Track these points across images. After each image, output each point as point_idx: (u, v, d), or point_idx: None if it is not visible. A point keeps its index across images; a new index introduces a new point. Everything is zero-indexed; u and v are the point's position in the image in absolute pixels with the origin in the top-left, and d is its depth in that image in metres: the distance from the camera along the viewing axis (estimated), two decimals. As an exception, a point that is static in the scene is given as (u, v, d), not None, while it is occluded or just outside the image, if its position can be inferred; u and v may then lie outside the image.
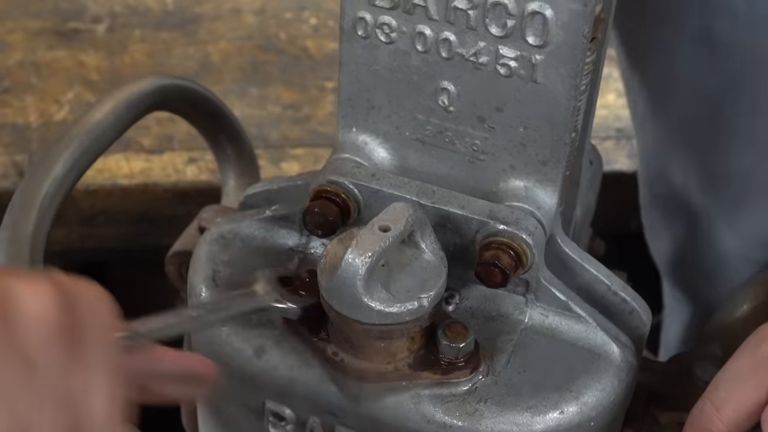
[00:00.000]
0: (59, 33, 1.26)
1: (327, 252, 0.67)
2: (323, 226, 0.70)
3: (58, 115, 1.16)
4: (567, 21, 0.64)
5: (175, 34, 1.27)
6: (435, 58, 0.68)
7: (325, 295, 0.66)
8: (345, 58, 0.70)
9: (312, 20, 1.30)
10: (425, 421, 0.68)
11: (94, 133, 0.82)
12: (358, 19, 0.69)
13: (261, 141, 1.15)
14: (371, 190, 0.70)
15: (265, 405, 0.72)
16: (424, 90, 0.69)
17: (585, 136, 0.73)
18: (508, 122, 0.68)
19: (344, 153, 0.72)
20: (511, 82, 0.67)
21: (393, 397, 0.69)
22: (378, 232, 0.65)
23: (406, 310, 0.66)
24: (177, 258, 0.84)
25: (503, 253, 0.68)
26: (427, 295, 0.66)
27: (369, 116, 0.72)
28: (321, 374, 0.70)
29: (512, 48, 0.66)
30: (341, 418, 0.70)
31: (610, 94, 1.24)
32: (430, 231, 0.68)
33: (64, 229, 1.14)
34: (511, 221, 0.68)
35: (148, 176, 1.12)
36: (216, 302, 0.72)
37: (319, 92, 1.21)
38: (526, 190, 0.70)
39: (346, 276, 0.64)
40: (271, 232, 0.76)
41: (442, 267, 0.67)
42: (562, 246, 0.72)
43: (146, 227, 1.15)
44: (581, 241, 0.83)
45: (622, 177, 1.17)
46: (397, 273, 0.66)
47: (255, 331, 0.71)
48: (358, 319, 0.66)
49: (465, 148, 0.70)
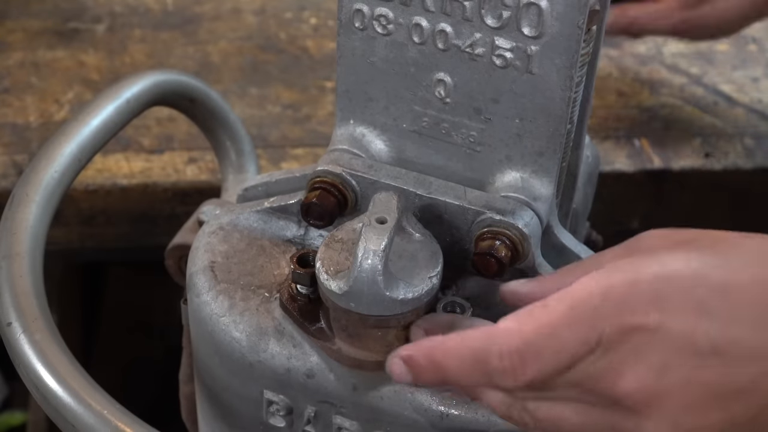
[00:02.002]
0: (59, 33, 1.26)
1: (322, 260, 0.67)
2: (321, 217, 0.71)
3: (58, 115, 1.17)
4: (562, 12, 0.64)
5: (175, 34, 1.27)
6: (431, 50, 0.68)
7: (340, 301, 0.66)
8: (342, 51, 0.71)
9: (312, 20, 1.30)
10: (422, 410, 0.69)
11: (94, 127, 0.82)
12: (355, 11, 0.69)
13: (261, 141, 1.15)
14: (368, 180, 0.71)
15: (263, 394, 0.73)
16: (420, 81, 0.70)
17: (582, 128, 0.74)
18: (504, 113, 0.69)
19: (341, 145, 0.73)
20: (507, 73, 0.67)
21: (390, 386, 0.69)
22: (378, 225, 0.65)
23: (424, 292, 0.66)
24: (176, 251, 0.84)
25: (499, 243, 0.68)
26: (435, 272, 0.67)
27: (366, 108, 0.72)
28: (318, 364, 0.70)
29: (508, 39, 0.66)
30: (339, 407, 0.71)
31: (610, 94, 1.24)
32: (410, 213, 0.69)
33: (64, 229, 1.14)
34: (507, 212, 0.69)
35: (148, 176, 1.12)
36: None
37: (319, 92, 1.21)
38: (523, 181, 0.70)
39: (366, 276, 0.64)
40: (270, 223, 0.76)
41: (435, 243, 0.68)
42: (559, 237, 0.72)
43: (146, 227, 1.15)
44: (579, 234, 0.83)
45: (622, 176, 1.17)
46: (398, 261, 0.67)
47: (253, 320, 0.72)
48: (381, 313, 0.66)
49: (461, 139, 0.71)
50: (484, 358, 0.60)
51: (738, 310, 0.57)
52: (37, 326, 0.70)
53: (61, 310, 1.46)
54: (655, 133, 1.21)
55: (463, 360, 0.61)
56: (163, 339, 1.64)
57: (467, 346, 0.61)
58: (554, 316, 0.59)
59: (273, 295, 0.73)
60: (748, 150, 1.19)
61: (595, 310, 0.58)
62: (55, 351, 0.70)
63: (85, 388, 0.68)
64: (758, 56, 1.31)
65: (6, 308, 0.71)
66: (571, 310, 0.58)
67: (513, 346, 0.59)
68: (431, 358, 0.62)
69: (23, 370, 0.70)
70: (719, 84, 1.27)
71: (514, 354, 0.59)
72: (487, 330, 0.60)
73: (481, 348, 0.60)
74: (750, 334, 0.57)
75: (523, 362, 0.59)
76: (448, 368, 0.61)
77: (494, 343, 0.60)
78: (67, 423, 0.67)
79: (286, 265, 0.74)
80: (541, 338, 0.59)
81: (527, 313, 0.60)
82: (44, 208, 0.78)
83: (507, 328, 0.60)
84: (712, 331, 0.57)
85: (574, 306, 0.59)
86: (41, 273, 0.75)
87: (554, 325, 0.59)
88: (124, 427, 0.66)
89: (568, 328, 0.58)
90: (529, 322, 0.59)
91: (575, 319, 0.58)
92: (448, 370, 0.61)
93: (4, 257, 0.74)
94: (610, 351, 0.58)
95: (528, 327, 0.59)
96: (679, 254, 0.59)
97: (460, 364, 0.61)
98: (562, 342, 0.58)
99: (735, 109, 1.24)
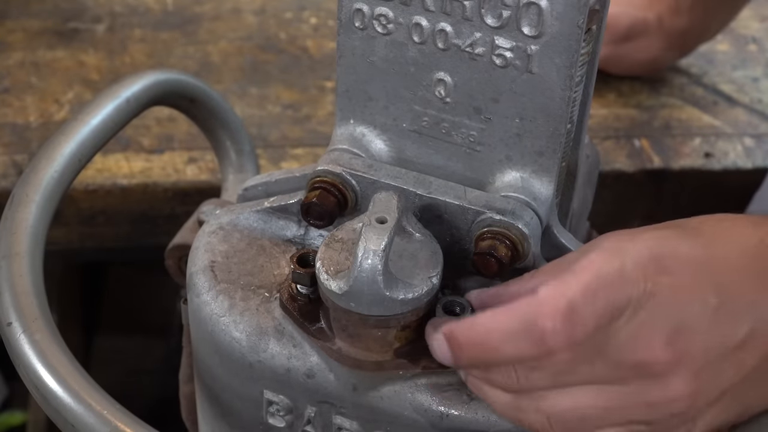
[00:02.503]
0: (59, 33, 1.26)
1: (322, 259, 0.67)
2: (321, 217, 0.71)
3: (58, 115, 1.17)
4: (562, 11, 0.64)
5: (175, 34, 1.27)
6: (431, 49, 0.68)
7: (340, 301, 0.66)
8: (342, 50, 0.71)
9: (312, 20, 1.30)
10: (422, 410, 0.69)
11: (94, 127, 0.82)
12: (355, 11, 0.69)
13: (261, 141, 1.15)
14: (368, 180, 0.71)
15: (263, 394, 0.73)
16: (420, 81, 0.70)
17: (581, 128, 0.74)
18: (504, 113, 0.69)
19: (341, 144, 0.73)
20: (507, 73, 0.67)
21: (390, 387, 0.69)
22: (378, 225, 0.65)
23: (424, 292, 0.66)
24: (176, 251, 0.84)
25: (499, 243, 0.68)
26: (435, 272, 0.67)
27: (366, 108, 0.72)
28: (318, 364, 0.70)
29: (508, 38, 0.66)
30: (339, 407, 0.71)
31: (610, 93, 1.24)
32: (410, 213, 0.69)
33: (64, 229, 1.14)
34: (507, 211, 0.69)
35: (148, 176, 1.12)
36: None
37: (319, 92, 1.21)
38: (523, 181, 0.70)
39: (366, 276, 0.64)
40: (270, 223, 0.76)
41: (435, 243, 0.68)
42: (559, 237, 0.72)
43: (146, 227, 1.15)
44: (578, 234, 0.83)
45: (622, 176, 1.17)
46: (398, 261, 0.67)
47: (253, 320, 0.72)
48: (381, 313, 0.66)
49: (461, 139, 0.71)
50: (535, 321, 0.60)
51: (731, 274, 0.63)
52: (37, 326, 0.70)
53: (61, 310, 1.46)
54: (655, 133, 1.21)
55: (512, 329, 0.61)
56: (163, 339, 1.65)
57: (514, 314, 0.61)
58: (586, 281, 0.61)
59: (273, 295, 0.73)
60: (748, 150, 1.19)
61: (621, 275, 0.61)
62: (55, 351, 0.69)
63: (84, 388, 0.68)
64: (758, 56, 1.31)
65: (6, 308, 0.71)
66: (598, 277, 0.61)
67: (561, 307, 0.60)
68: (476, 333, 0.62)
69: (23, 371, 0.70)
70: (719, 84, 1.27)
71: (565, 315, 0.60)
72: (528, 298, 0.61)
73: (530, 312, 0.61)
74: (746, 288, 0.63)
75: (572, 323, 0.60)
76: (495, 343, 0.62)
77: (543, 305, 0.60)
78: (67, 423, 0.67)
79: (286, 265, 0.74)
80: (583, 299, 0.60)
81: (559, 280, 0.61)
82: (44, 208, 0.78)
83: (549, 294, 0.60)
84: (717, 288, 0.62)
85: (599, 274, 0.61)
86: (41, 273, 0.75)
87: (590, 287, 0.61)
88: (123, 427, 0.66)
89: (603, 291, 0.61)
90: (565, 286, 0.61)
91: (604, 284, 0.61)
92: (495, 345, 0.62)
93: (4, 257, 0.74)
94: (635, 315, 0.61)
95: (570, 290, 0.60)
96: (668, 230, 0.64)
97: (509, 335, 0.61)
98: (602, 301, 0.60)
99: (735, 109, 1.24)
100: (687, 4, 1.20)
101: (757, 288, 0.62)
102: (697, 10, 1.21)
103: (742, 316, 0.62)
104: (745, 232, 0.65)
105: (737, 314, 0.62)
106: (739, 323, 0.62)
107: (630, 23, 1.21)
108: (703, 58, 1.29)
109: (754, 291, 0.62)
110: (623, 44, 1.21)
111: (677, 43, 1.23)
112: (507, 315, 0.61)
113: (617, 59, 1.22)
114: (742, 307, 0.62)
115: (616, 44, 1.21)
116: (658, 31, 1.21)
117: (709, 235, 0.64)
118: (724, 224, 0.66)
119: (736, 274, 0.63)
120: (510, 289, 0.67)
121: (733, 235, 0.64)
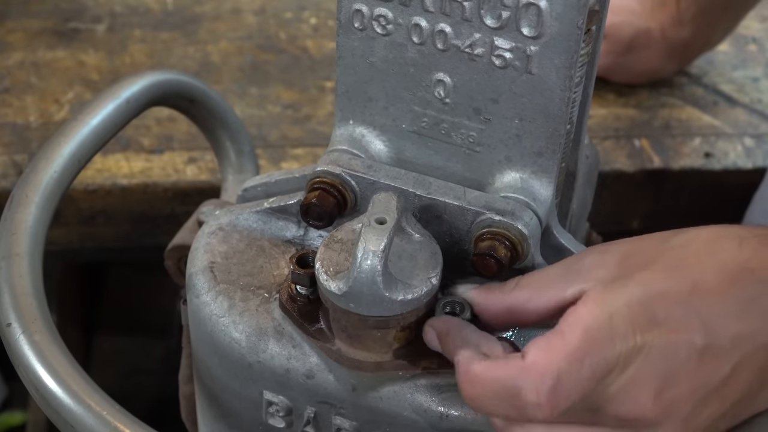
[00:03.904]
0: (59, 33, 1.26)
1: (322, 260, 0.67)
2: (321, 218, 0.71)
3: (58, 115, 1.17)
4: (561, 12, 0.64)
5: (175, 34, 1.27)
6: (431, 50, 0.68)
7: (339, 302, 0.66)
8: (342, 51, 0.71)
9: (312, 20, 1.30)
10: (422, 410, 0.68)
11: (93, 127, 0.82)
12: (354, 12, 0.69)
13: (261, 141, 1.15)
14: (368, 181, 0.71)
15: (262, 395, 0.73)
16: (420, 82, 0.70)
17: (581, 128, 0.74)
18: (504, 114, 0.69)
19: (341, 145, 0.73)
20: (506, 74, 0.67)
21: (389, 387, 0.69)
22: (378, 226, 0.65)
23: (424, 293, 0.66)
24: (176, 252, 0.84)
25: (499, 243, 0.68)
26: (434, 273, 0.67)
27: (366, 108, 0.72)
28: (318, 364, 0.70)
29: (507, 39, 0.66)
30: (338, 408, 0.71)
31: (610, 93, 1.24)
32: (410, 214, 0.69)
33: (64, 229, 1.14)
34: (506, 212, 0.69)
35: (148, 176, 1.12)
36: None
37: (319, 92, 1.21)
38: (522, 182, 0.70)
39: (365, 277, 0.64)
40: (269, 224, 0.76)
41: (434, 244, 0.68)
42: (558, 237, 0.72)
43: (146, 227, 1.15)
44: (578, 234, 0.83)
45: (622, 176, 1.17)
46: (398, 261, 0.67)
47: (253, 321, 0.72)
48: (380, 314, 0.66)
49: (461, 139, 0.71)
50: (518, 393, 0.60)
51: (716, 305, 0.63)
52: (37, 327, 0.70)
53: (61, 310, 1.46)
54: (655, 133, 1.21)
55: (498, 393, 0.61)
56: (163, 339, 1.65)
57: (499, 380, 0.61)
58: (574, 343, 0.60)
59: (272, 295, 0.73)
60: (748, 150, 1.19)
61: (609, 330, 0.61)
62: (54, 352, 0.69)
63: (84, 389, 0.68)
64: (758, 56, 1.31)
65: (5, 309, 0.71)
66: (585, 338, 0.60)
67: (547, 383, 0.60)
68: (470, 377, 0.62)
69: (23, 371, 0.70)
70: (719, 84, 1.27)
71: (550, 388, 0.60)
72: (517, 365, 0.61)
73: (516, 379, 0.61)
74: (730, 319, 0.62)
75: (556, 395, 0.60)
76: (480, 398, 0.62)
77: (529, 375, 0.60)
78: (67, 424, 0.67)
79: (285, 265, 0.74)
80: (572, 367, 0.60)
81: (548, 344, 0.61)
82: (44, 209, 0.78)
83: (536, 363, 0.60)
84: (703, 325, 0.62)
85: (587, 333, 0.60)
86: (41, 273, 0.75)
87: (578, 351, 0.60)
88: (123, 428, 0.66)
89: (590, 353, 0.60)
90: (554, 352, 0.60)
91: (592, 343, 0.60)
92: (480, 400, 0.62)
93: (4, 258, 0.74)
94: (624, 372, 0.61)
95: (556, 358, 0.60)
96: (654, 274, 0.63)
97: (495, 396, 0.61)
98: (588, 367, 0.60)
99: (735, 109, 1.24)
100: (689, 15, 1.20)
101: (739, 317, 0.62)
102: (699, 22, 1.21)
103: (726, 355, 0.62)
104: (729, 253, 0.64)
105: (721, 353, 0.62)
106: (723, 362, 0.62)
107: (633, 34, 1.21)
108: (704, 58, 1.29)
109: (737, 320, 0.62)
110: (626, 55, 1.21)
111: (679, 53, 1.24)
112: (494, 375, 0.61)
113: (619, 69, 1.23)
114: (726, 344, 0.62)
115: (619, 55, 1.21)
116: (661, 42, 1.22)
117: (694, 260, 0.64)
118: (710, 246, 0.65)
119: (720, 303, 0.62)
120: (507, 298, 0.67)
121: (717, 261, 0.64)
